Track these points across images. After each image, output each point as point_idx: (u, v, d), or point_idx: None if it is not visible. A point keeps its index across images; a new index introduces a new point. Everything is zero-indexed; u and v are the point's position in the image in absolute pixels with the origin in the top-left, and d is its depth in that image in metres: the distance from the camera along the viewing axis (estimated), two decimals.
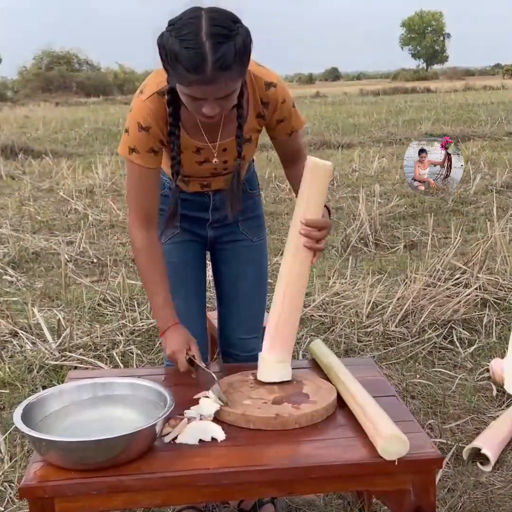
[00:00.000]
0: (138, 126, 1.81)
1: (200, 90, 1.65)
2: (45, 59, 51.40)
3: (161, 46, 1.64)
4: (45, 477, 1.53)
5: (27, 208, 7.35)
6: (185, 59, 1.59)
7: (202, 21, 1.59)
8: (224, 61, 1.59)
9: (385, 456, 1.58)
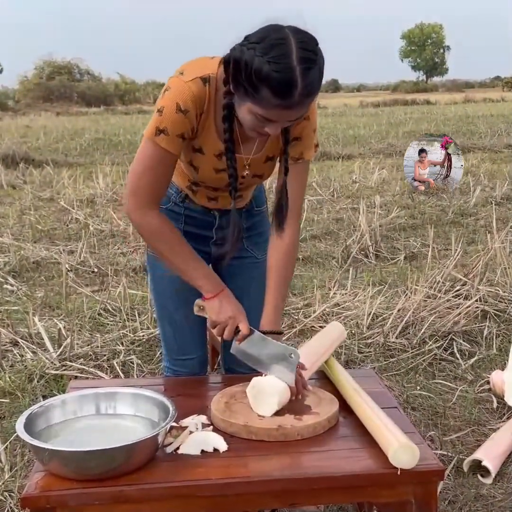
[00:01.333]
0: (176, 107, 1.70)
1: (278, 114, 1.61)
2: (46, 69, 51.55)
3: (242, 62, 1.57)
4: (47, 487, 1.53)
5: (27, 217, 7.36)
6: (274, 83, 1.53)
7: (291, 43, 1.54)
8: (311, 87, 1.57)
9: (394, 462, 1.58)
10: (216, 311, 1.88)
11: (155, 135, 1.75)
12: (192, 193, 2.03)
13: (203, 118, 1.77)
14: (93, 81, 53.74)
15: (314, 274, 5.10)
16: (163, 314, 2.16)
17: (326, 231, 6.61)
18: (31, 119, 26.45)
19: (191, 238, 2.00)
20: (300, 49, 1.54)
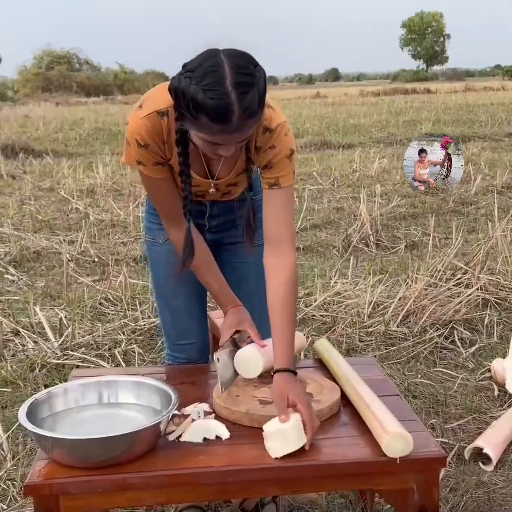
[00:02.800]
0: (137, 143, 1.78)
1: (223, 138, 1.63)
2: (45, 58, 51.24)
3: (179, 92, 1.59)
4: (50, 475, 1.54)
5: (28, 207, 7.35)
6: (210, 110, 1.54)
7: (225, 69, 1.54)
8: (250, 109, 1.57)
9: (388, 453, 1.58)
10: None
11: (137, 165, 1.84)
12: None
13: (167, 147, 1.81)
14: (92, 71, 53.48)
15: (314, 264, 5.10)
16: (162, 300, 2.18)
17: (326, 221, 6.60)
18: (30, 109, 26.38)
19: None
20: (235, 74, 1.54)
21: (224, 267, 2.14)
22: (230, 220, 2.13)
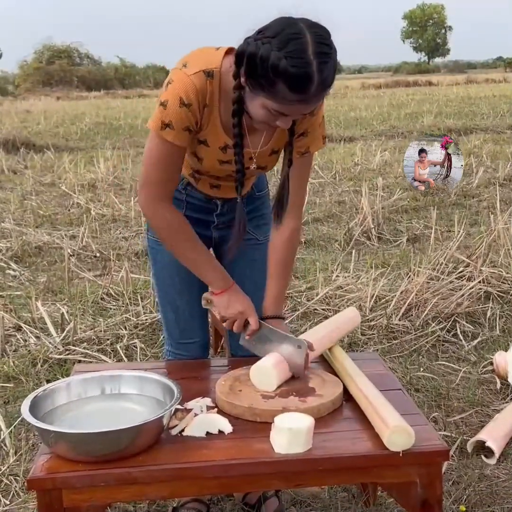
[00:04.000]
0: (179, 101, 1.69)
1: (293, 108, 1.62)
2: (46, 53, 51.17)
3: (257, 57, 1.55)
4: (53, 469, 1.54)
5: (29, 202, 7.35)
6: (291, 78, 1.53)
7: (307, 37, 1.53)
8: (327, 81, 1.58)
9: (391, 447, 1.58)
10: (225, 306, 1.92)
11: (161, 129, 1.74)
12: (194, 180, 2.03)
13: (207, 112, 1.76)
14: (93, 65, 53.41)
15: (316, 257, 5.09)
16: (165, 299, 2.16)
17: (328, 214, 6.59)
18: (31, 103, 26.33)
19: (193, 222, 1.99)
20: (316, 43, 1.54)
21: (228, 265, 2.12)
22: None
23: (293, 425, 1.59)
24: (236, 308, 1.92)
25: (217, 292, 1.94)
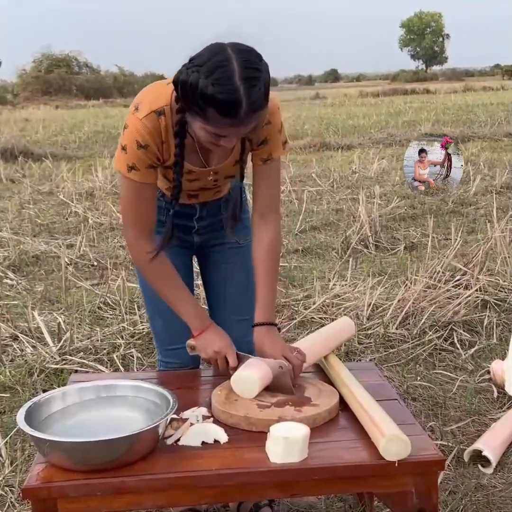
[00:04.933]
0: (136, 144, 1.80)
1: (229, 131, 1.68)
2: (45, 62, 51.29)
3: (187, 85, 1.62)
4: (48, 478, 1.54)
5: (27, 211, 7.35)
6: (219, 104, 1.59)
7: (233, 64, 1.59)
8: (257, 103, 1.63)
9: (386, 456, 1.58)
10: (204, 347, 1.96)
11: (128, 172, 1.84)
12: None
13: (165, 146, 1.84)
14: (91, 73, 53.56)
15: (313, 265, 5.09)
16: (152, 305, 2.19)
17: (325, 222, 6.60)
18: (30, 112, 26.40)
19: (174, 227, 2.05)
20: (243, 68, 1.59)
21: (210, 269, 2.15)
22: (217, 221, 2.15)
23: (289, 435, 1.59)
24: (213, 347, 1.94)
25: (195, 334, 1.98)
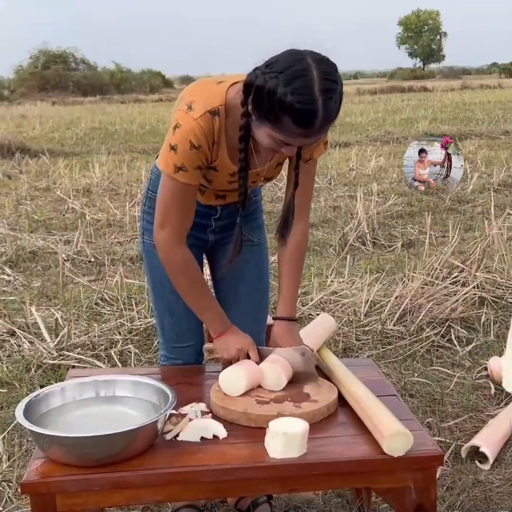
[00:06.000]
0: (190, 144, 1.76)
1: (300, 140, 1.68)
2: (42, 58, 51.13)
3: (264, 90, 1.61)
4: (47, 473, 1.53)
5: (24, 207, 7.34)
6: (296, 114, 1.59)
7: (314, 74, 1.58)
8: (331, 116, 1.63)
9: (393, 453, 1.59)
10: (225, 348, 1.97)
11: (175, 172, 1.80)
12: (199, 193, 2.04)
13: (216, 147, 1.82)
14: (88, 70, 53.38)
15: (311, 262, 5.09)
16: (161, 303, 2.16)
17: (323, 219, 6.60)
18: (27, 108, 26.33)
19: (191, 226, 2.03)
20: (322, 80, 1.59)
21: (219, 268, 2.14)
22: (232, 221, 2.13)
23: (288, 430, 1.59)
24: (235, 345, 1.96)
25: (215, 336, 1.99)
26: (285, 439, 1.58)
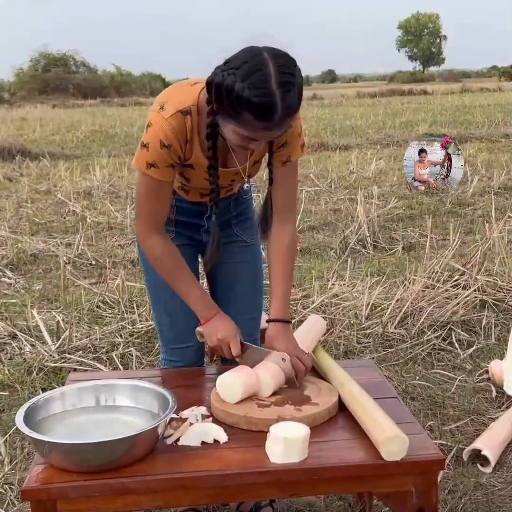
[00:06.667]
0: (160, 143, 1.80)
1: (261, 135, 1.70)
2: (42, 61, 51.18)
3: (223, 87, 1.63)
4: (47, 479, 1.53)
5: (25, 210, 7.34)
6: (255, 108, 1.61)
7: (270, 68, 1.60)
8: (291, 108, 1.64)
9: (390, 458, 1.59)
10: (209, 335, 1.98)
11: (147, 169, 1.85)
12: (184, 192, 2.08)
13: (189, 146, 1.85)
14: (89, 73, 53.42)
15: (312, 265, 5.09)
16: (158, 304, 2.18)
17: (324, 222, 6.61)
18: (27, 111, 26.34)
19: (183, 226, 2.11)
20: (279, 74, 1.60)
21: (218, 267, 2.15)
22: (225, 220, 2.15)
23: (288, 435, 1.59)
24: (217, 335, 1.96)
25: (203, 322, 2.00)
26: (286, 444, 1.58)
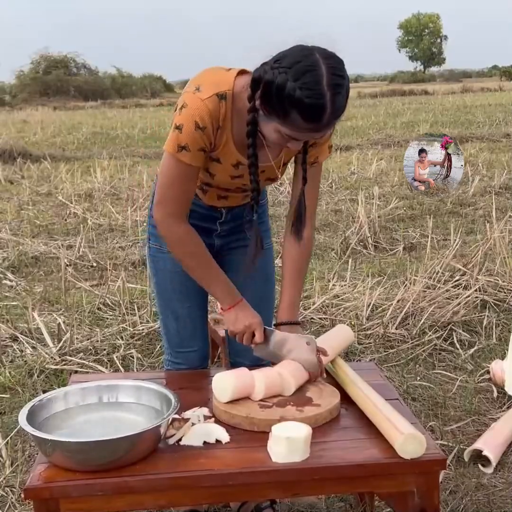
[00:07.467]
0: (195, 125, 1.76)
1: (305, 135, 1.70)
2: (43, 63, 51.15)
3: (273, 85, 1.62)
4: (50, 478, 1.54)
5: (26, 212, 7.35)
6: (305, 109, 1.60)
7: (322, 69, 1.60)
8: (339, 111, 1.65)
9: (402, 454, 1.60)
10: (233, 321, 1.97)
11: (178, 152, 1.80)
12: (202, 192, 2.05)
13: (220, 133, 1.82)
14: (89, 75, 53.39)
15: (313, 266, 5.09)
16: (166, 308, 2.16)
17: (325, 223, 6.61)
18: (28, 113, 26.34)
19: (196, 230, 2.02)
20: (330, 75, 1.60)
21: (228, 271, 2.13)
22: (238, 225, 2.14)
23: (290, 435, 1.59)
24: (243, 321, 1.96)
25: (225, 308, 1.99)
26: (288, 444, 1.58)
